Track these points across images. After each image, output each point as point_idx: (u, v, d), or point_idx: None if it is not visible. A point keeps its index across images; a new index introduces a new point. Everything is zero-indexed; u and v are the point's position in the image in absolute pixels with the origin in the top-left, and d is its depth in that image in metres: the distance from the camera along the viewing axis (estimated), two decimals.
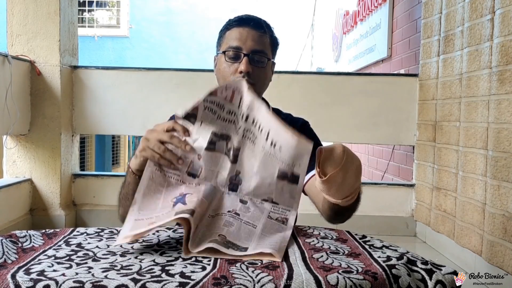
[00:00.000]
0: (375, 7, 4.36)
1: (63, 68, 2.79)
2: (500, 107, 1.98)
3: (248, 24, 1.21)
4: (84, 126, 2.99)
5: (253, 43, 1.20)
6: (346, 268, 0.72)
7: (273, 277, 0.68)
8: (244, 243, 0.83)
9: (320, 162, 0.81)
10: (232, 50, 1.20)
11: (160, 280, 0.67)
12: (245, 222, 0.88)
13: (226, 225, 0.87)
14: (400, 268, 0.72)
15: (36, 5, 2.71)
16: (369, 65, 4.56)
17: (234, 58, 1.20)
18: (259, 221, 0.89)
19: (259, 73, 1.21)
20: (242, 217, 0.90)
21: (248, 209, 0.92)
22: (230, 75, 1.20)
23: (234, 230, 0.86)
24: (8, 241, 0.82)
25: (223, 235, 0.84)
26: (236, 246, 0.81)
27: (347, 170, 0.82)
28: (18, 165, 2.76)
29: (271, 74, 1.29)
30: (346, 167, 0.81)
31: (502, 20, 1.97)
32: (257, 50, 1.20)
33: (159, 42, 9.08)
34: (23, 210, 2.71)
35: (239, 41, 1.19)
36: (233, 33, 1.21)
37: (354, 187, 0.85)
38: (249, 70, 1.18)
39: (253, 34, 1.20)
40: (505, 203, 1.93)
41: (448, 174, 2.47)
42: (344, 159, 0.81)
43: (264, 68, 1.23)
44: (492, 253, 1.99)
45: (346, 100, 3.00)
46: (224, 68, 1.22)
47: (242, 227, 0.87)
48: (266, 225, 0.88)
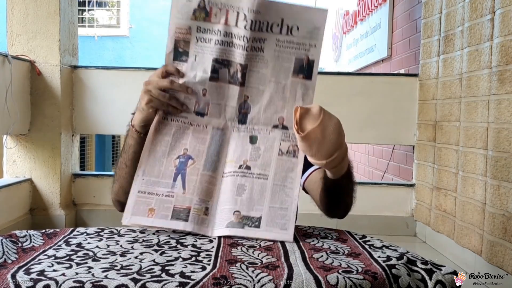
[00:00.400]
0: (375, 7, 4.36)
1: (63, 68, 2.79)
2: (500, 107, 1.98)
3: None
4: (84, 126, 2.99)
5: None
6: (346, 268, 0.72)
7: (273, 277, 0.68)
8: (257, 212, 0.88)
9: (298, 119, 0.82)
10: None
11: (160, 280, 0.67)
12: (257, 176, 0.91)
13: (239, 193, 0.90)
14: (400, 268, 0.72)
15: (36, 5, 2.71)
16: (369, 65, 4.56)
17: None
18: (269, 167, 0.91)
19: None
20: (253, 169, 0.91)
21: (259, 150, 0.92)
22: None
23: (246, 197, 0.89)
24: (8, 241, 0.82)
25: (237, 211, 0.88)
26: (250, 220, 0.87)
27: (325, 126, 0.83)
28: (18, 165, 2.76)
29: None
30: (324, 123, 0.82)
31: (502, 20, 1.97)
32: None
33: (159, 42, 9.06)
34: (23, 210, 2.71)
35: None
36: None
37: (336, 143, 0.85)
38: None
39: None
40: (505, 203, 1.93)
41: (448, 174, 2.47)
42: (321, 116, 0.82)
43: None
44: (492, 253, 2.00)
45: (346, 100, 3.00)
46: None
47: (254, 186, 0.90)
48: (277, 171, 0.91)
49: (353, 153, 5.09)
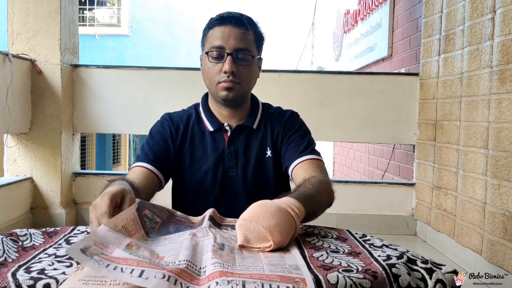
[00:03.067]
0: (375, 6, 4.35)
1: (64, 67, 2.79)
2: (500, 106, 1.98)
3: (229, 22, 1.20)
4: (85, 125, 2.99)
5: (236, 41, 1.19)
6: (346, 267, 0.72)
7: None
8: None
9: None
10: (215, 50, 1.20)
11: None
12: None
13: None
14: (400, 267, 0.72)
15: (37, 3, 2.71)
16: (370, 64, 4.56)
17: (217, 58, 1.20)
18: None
19: (244, 71, 1.22)
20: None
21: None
22: (215, 76, 1.21)
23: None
24: (9, 240, 0.83)
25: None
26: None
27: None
28: (18, 164, 2.76)
29: (258, 71, 1.29)
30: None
31: (503, 19, 1.96)
32: (241, 48, 1.20)
33: (159, 41, 9.08)
34: (23, 208, 2.71)
35: (222, 40, 1.19)
36: (215, 32, 1.21)
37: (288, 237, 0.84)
38: (234, 70, 1.19)
39: (235, 32, 1.20)
40: (505, 202, 1.93)
41: (449, 173, 2.47)
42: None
43: (249, 66, 1.23)
44: (492, 252, 2.00)
45: (347, 99, 3.00)
46: (209, 68, 1.22)
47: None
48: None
49: (353, 152, 5.09)
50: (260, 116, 1.32)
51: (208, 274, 0.66)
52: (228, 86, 1.20)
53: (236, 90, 1.21)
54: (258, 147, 1.29)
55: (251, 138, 1.29)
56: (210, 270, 0.67)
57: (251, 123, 1.29)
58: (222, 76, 1.20)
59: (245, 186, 1.26)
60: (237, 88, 1.21)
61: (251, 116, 1.31)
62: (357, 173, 4.87)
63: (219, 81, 1.21)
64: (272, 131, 1.30)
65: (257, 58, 1.27)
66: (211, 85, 1.24)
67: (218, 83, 1.21)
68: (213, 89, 1.24)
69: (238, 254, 0.78)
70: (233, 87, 1.21)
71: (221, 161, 1.26)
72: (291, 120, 1.32)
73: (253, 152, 1.28)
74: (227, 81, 1.20)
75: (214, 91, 1.24)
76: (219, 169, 1.26)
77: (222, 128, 1.28)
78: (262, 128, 1.30)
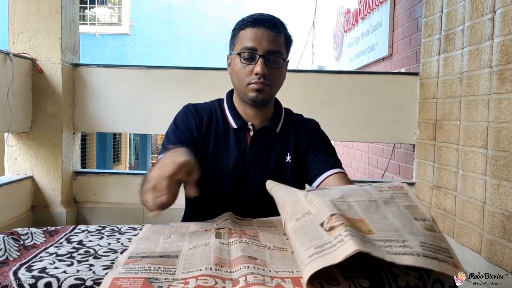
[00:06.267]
0: (376, 6, 4.35)
1: (65, 66, 2.80)
2: (500, 106, 1.98)
3: (263, 24, 1.21)
4: (86, 124, 2.99)
5: (268, 43, 1.20)
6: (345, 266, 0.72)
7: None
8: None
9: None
10: (247, 51, 1.20)
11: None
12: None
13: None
14: (399, 266, 0.73)
15: (38, 2, 2.71)
16: (370, 63, 4.56)
17: (249, 59, 1.21)
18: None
19: (274, 74, 1.22)
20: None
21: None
22: (245, 77, 1.21)
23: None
24: (10, 239, 0.83)
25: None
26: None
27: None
28: (19, 163, 2.77)
29: (285, 73, 1.30)
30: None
31: (503, 19, 1.97)
32: (273, 51, 1.20)
33: (160, 40, 9.08)
34: (24, 207, 2.72)
35: (254, 42, 1.19)
36: (248, 33, 1.21)
37: None
38: (265, 72, 1.19)
39: (268, 35, 1.20)
40: (505, 202, 1.93)
41: (448, 173, 2.48)
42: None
43: (279, 68, 1.24)
44: (492, 251, 2.00)
45: (347, 98, 3.00)
46: (239, 69, 1.22)
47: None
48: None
49: (353, 151, 5.10)
50: (283, 120, 1.33)
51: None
52: (258, 88, 1.21)
53: (265, 92, 1.22)
54: (279, 151, 1.29)
55: (273, 141, 1.30)
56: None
57: (275, 126, 1.30)
58: (252, 78, 1.20)
59: (262, 188, 1.27)
60: (267, 90, 1.22)
61: (275, 119, 1.32)
62: (358, 172, 4.88)
63: (249, 82, 1.21)
64: (295, 137, 1.31)
65: (286, 61, 1.28)
66: (240, 85, 1.24)
67: (248, 84, 1.22)
68: (242, 90, 1.25)
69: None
70: (263, 89, 1.22)
71: (242, 159, 1.27)
72: (316, 129, 1.35)
73: (274, 155, 1.29)
74: (258, 83, 1.20)
75: (243, 91, 1.24)
76: (239, 166, 1.27)
77: (245, 127, 1.29)
78: (285, 133, 1.31)
